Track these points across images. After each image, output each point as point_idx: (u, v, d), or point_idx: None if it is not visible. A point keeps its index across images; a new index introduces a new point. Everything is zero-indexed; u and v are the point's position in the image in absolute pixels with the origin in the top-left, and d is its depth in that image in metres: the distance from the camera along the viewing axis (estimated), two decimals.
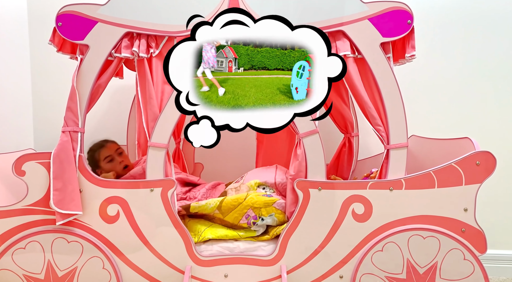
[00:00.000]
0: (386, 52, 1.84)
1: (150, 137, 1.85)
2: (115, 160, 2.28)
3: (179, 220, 1.86)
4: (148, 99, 1.86)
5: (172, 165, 1.92)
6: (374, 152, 2.62)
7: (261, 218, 1.94)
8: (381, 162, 1.91)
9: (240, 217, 1.96)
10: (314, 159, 1.86)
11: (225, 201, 1.98)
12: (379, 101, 1.86)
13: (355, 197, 1.85)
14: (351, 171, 2.55)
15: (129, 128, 2.54)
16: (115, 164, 2.28)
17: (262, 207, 1.95)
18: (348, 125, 2.50)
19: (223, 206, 1.98)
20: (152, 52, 1.85)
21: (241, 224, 1.96)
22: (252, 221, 1.94)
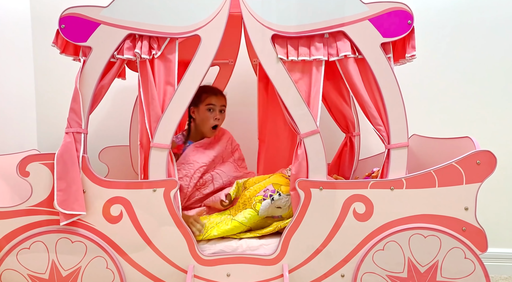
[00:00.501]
0: (386, 53, 1.84)
1: (153, 138, 1.86)
2: (212, 113, 2.28)
3: (181, 219, 1.88)
4: (151, 100, 1.87)
5: (175, 165, 1.93)
6: (375, 151, 2.63)
7: (278, 193, 1.97)
8: (382, 161, 1.91)
9: (259, 190, 2.02)
10: (315, 158, 1.87)
11: (251, 179, 2.15)
12: (380, 101, 1.87)
13: (356, 196, 1.86)
14: (353, 170, 2.56)
15: (131, 129, 2.54)
16: (209, 116, 2.28)
17: (284, 185, 2.00)
18: (349, 125, 2.51)
19: (249, 182, 2.10)
20: (154, 53, 1.86)
21: (256, 197, 1.99)
22: (269, 194, 1.98)
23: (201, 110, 2.28)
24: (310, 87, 1.88)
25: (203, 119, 2.28)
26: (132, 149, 2.54)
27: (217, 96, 2.29)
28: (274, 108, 2.48)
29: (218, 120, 2.29)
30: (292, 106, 1.87)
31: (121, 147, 2.58)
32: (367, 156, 2.63)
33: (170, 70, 1.88)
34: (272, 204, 1.97)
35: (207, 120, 2.28)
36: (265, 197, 1.97)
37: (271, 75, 1.87)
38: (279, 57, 1.85)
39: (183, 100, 1.86)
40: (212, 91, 2.30)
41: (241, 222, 1.95)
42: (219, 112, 2.30)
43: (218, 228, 1.95)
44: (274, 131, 2.54)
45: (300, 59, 1.87)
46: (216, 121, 2.29)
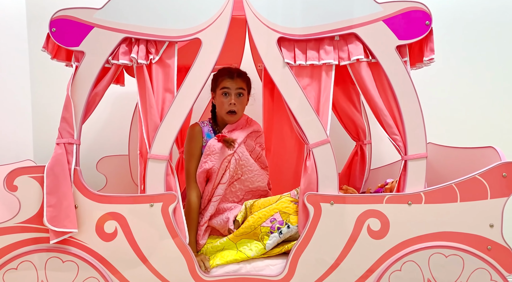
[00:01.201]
0: (402, 56, 1.72)
1: (150, 148, 1.74)
2: (227, 97, 2.03)
3: (181, 237, 1.74)
4: (148, 108, 1.76)
5: (175, 177, 1.81)
6: (387, 160, 2.50)
7: (287, 225, 1.81)
8: (398, 172, 1.78)
9: (264, 219, 1.85)
10: (325, 170, 1.74)
11: (256, 202, 1.93)
12: (395, 109, 1.73)
13: (371, 211, 1.72)
14: (364, 180, 2.42)
15: (131, 137, 2.42)
16: (224, 101, 2.03)
17: (292, 214, 1.83)
18: (360, 133, 2.39)
19: (254, 206, 1.92)
20: (151, 58, 1.75)
21: (263, 227, 1.83)
22: (276, 226, 1.82)
23: (217, 95, 2.06)
24: (319, 94, 1.76)
25: (219, 104, 2.06)
26: (131, 159, 2.42)
27: (233, 79, 2.03)
28: (280, 115, 2.37)
29: (235, 105, 2.01)
30: (299, 114, 1.75)
31: (120, 157, 2.46)
32: (379, 165, 2.50)
33: (169, 76, 1.76)
34: (281, 238, 1.83)
35: (222, 105, 2.04)
36: (272, 229, 1.83)
37: (277, 81, 1.75)
38: (286, 62, 1.74)
39: (183, 108, 1.75)
40: (228, 73, 2.06)
41: (247, 255, 1.82)
42: (236, 96, 2.03)
43: (222, 257, 1.81)
44: (281, 140, 2.41)
45: (309, 63, 1.75)
46: (232, 107, 2.01)
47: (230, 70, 2.09)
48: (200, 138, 2.02)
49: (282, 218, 1.83)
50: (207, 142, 2.02)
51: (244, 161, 2.02)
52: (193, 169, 1.99)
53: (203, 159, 1.98)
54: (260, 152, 2.14)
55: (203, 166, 1.97)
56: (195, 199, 1.96)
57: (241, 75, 2.09)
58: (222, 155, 1.96)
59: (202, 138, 2.03)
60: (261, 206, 1.89)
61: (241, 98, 2.06)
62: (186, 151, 2.04)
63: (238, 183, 2.03)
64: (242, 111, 2.09)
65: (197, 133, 2.04)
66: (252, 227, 1.84)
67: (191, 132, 2.04)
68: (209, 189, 1.99)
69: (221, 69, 2.11)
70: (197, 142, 2.02)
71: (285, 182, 2.33)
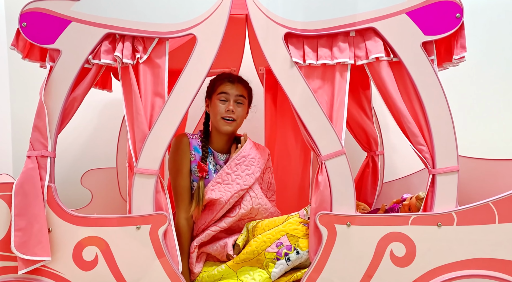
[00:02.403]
0: (429, 54, 1.50)
1: (137, 162, 1.52)
2: (225, 103, 1.78)
3: (172, 264, 1.50)
4: (135, 115, 1.54)
5: (166, 195, 1.58)
6: (401, 173, 2.29)
7: (296, 250, 1.57)
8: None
9: (270, 243, 1.60)
10: (340, 186, 1.52)
11: (260, 223, 1.69)
12: (421, 115, 1.51)
13: (394, 234, 1.49)
14: (376, 195, 2.22)
15: (119, 148, 2.22)
16: (221, 106, 1.77)
17: (302, 237, 1.59)
18: (372, 142, 2.19)
19: (258, 228, 1.67)
20: (138, 57, 1.54)
21: (267, 253, 1.58)
22: (284, 252, 1.57)
23: (214, 101, 1.81)
24: (332, 98, 1.55)
25: (214, 111, 1.79)
26: (119, 172, 2.21)
27: (233, 84, 1.80)
28: (283, 123, 2.18)
29: (233, 112, 1.77)
30: (310, 122, 1.53)
31: (107, 170, 2.26)
32: (392, 178, 2.28)
33: (159, 78, 1.55)
34: (289, 265, 1.59)
35: (218, 111, 1.77)
36: (278, 255, 1.58)
37: (284, 84, 1.54)
38: (294, 61, 1.53)
39: (175, 114, 1.53)
40: (228, 77, 1.83)
41: None
42: (235, 103, 1.79)
43: None
44: (284, 150, 2.20)
45: (320, 63, 1.54)
46: (230, 113, 1.76)
47: (230, 74, 1.86)
48: (187, 152, 1.76)
49: (290, 242, 1.58)
50: (195, 157, 1.76)
51: (260, 199, 1.76)
52: (181, 186, 1.74)
53: (210, 185, 1.72)
54: (271, 180, 1.91)
55: (208, 194, 1.71)
56: (185, 221, 1.71)
57: (243, 81, 1.86)
58: (234, 187, 1.71)
59: (190, 152, 1.77)
60: (266, 228, 1.64)
61: (241, 107, 1.81)
62: (171, 166, 1.78)
63: (249, 219, 1.78)
64: (240, 122, 1.83)
65: (183, 146, 1.77)
66: (255, 252, 1.60)
67: (177, 143, 1.78)
68: (207, 218, 1.74)
69: (220, 73, 1.88)
70: (184, 155, 1.76)
71: (290, 199, 2.13)
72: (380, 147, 2.21)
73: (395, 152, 2.40)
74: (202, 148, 1.78)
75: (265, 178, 1.86)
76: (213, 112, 1.80)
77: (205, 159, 1.75)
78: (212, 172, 1.76)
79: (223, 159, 1.82)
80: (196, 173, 1.74)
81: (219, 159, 1.81)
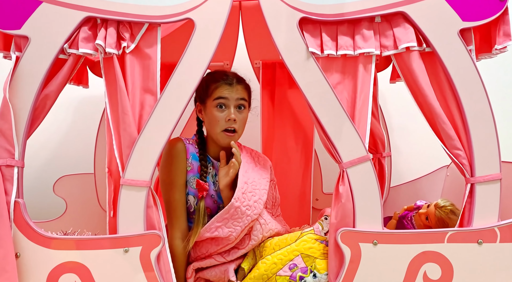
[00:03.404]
0: (467, 43, 1.30)
1: (124, 171, 1.28)
2: (224, 111, 1.49)
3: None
4: (121, 115, 1.30)
5: (159, 211, 1.34)
6: (407, 176, 2.14)
7: (313, 274, 1.34)
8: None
9: (281, 265, 1.37)
10: (365, 198, 1.31)
11: (269, 242, 1.46)
12: (458, 115, 1.32)
13: (428, 254, 1.29)
14: (383, 201, 2.00)
15: (96, 151, 2.00)
16: (219, 116, 1.48)
17: (319, 257, 1.36)
18: (378, 143, 1.99)
19: (266, 247, 1.45)
20: (125, 46, 1.30)
21: (279, 277, 1.36)
22: (298, 275, 1.35)
23: (209, 107, 1.51)
24: (354, 94, 1.35)
25: (211, 121, 1.50)
26: (97, 178, 1.99)
27: (232, 86, 1.52)
28: (282, 122, 2.00)
29: (235, 121, 1.49)
30: (329, 123, 1.32)
31: (83, 176, 2.06)
32: (398, 182, 2.12)
33: (149, 71, 1.32)
34: None
35: (216, 122, 1.49)
36: (292, 279, 1.35)
37: (298, 78, 1.33)
38: (310, 51, 1.31)
39: (169, 115, 1.30)
40: (225, 78, 1.53)
41: None
42: (236, 109, 1.51)
43: None
44: (283, 153, 2.03)
45: (341, 54, 1.33)
46: (232, 123, 1.48)
47: (226, 74, 1.57)
48: (184, 160, 1.48)
49: (306, 264, 1.36)
50: (192, 166, 1.49)
51: (270, 223, 1.51)
52: (176, 201, 1.47)
53: (216, 221, 1.42)
54: (275, 194, 1.66)
55: (214, 231, 1.43)
56: (180, 241, 1.44)
57: (242, 81, 1.58)
58: (245, 220, 1.43)
59: (186, 160, 1.50)
60: (276, 247, 1.42)
61: (243, 113, 1.53)
62: (164, 177, 1.49)
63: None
64: (242, 130, 1.55)
65: (179, 153, 1.48)
66: (264, 276, 1.37)
67: (171, 150, 1.48)
68: (210, 248, 1.47)
69: (213, 72, 1.59)
70: (180, 164, 1.48)
71: (289, 208, 1.94)
72: (387, 148, 2.03)
73: (399, 154, 2.24)
74: (200, 161, 1.50)
75: (269, 194, 1.60)
76: (210, 121, 1.51)
77: (204, 174, 1.48)
78: (211, 185, 1.51)
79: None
80: (192, 185, 1.48)
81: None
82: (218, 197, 1.50)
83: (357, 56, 1.33)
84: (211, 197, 1.49)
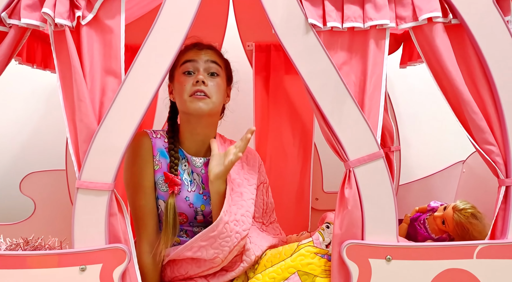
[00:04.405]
0: (504, 13, 1.08)
1: (80, 172, 1.06)
2: (192, 76, 1.26)
3: None
4: (77, 103, 1.06)
5: (126, 219, 1.10)
6: (418, 173, 2.01)
7: None
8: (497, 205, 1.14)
9: None
10: (377, 204, 1.09)
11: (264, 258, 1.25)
12: (491, 103, 1.11)
13: (453, 272, 1.07)
14: None
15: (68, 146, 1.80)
16: (188, 79, 1.25)
17: (320, 275, 1.14)
18: (386, 136, 1.84)
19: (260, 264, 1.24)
20: (79, 16, 1.06)
21: None
22: None
23: (177, 78, 1.29)
24: (364, 77, 1.12)
25: (179, 90, 1.27)
26: (70, 175, 1.83)
27: (200, 49, 1.30)
28: (277, 112, 1.85)
29: (204, 83, 1.23)
30: (332, 112, 1.10)
31: (53, 172, 1.92)
32: (408, 179, 1.97)
33: (111, 48, 1.09)
34: None
35: (183, 88, 1.25)
36: None
37: (294, 58, 1.09)
38: (310, 23, 1.08)
39: (137, 101, 1.07)
40: (193, 43, 1.33)
41: None
42: (206, 74, 1.26)
43: None
44: (279, 146, 1.87)
45: (347, 26, 1.10)
46: (200, 85, 1.23)
47: (196, 41, 1.34)
48: (150, 158, 1.25)
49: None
50: (160, 165, 1.25)
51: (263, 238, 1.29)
52: (142, 207, 1.23)
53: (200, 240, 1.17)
54: (266, 200, 1.41)
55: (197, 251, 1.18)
56: (149, 256, 1.20)
57: (213, 48, 1.35)
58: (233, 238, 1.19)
59: (153, 157, 1.26)
60: (268, 264, 1.19)
61: (215, 80, 1.28)
62: (127, 179, 1.26)
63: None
64: (217, 102, 1.28)
65: (144, 149, 1.26)
66: None
67: (134, 146, 1.25)
68: (190, 269, 1.22)
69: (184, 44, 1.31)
70: (145, 163, 1.24)
71: (285, 211, 1.78)
72: (396, 141, 1.87)
73: (409, 147, 2.11)
74: (169, 151, 1.27)
75: (258, 201, 1.37)
76: (178, 93, 1.28)
77: (175, 167, 1.24)
78: (187, 184, 1.27)
79: (200, 164, 1.30)
80: (162, 188, 1.24)
81: (195, 165, 1.29)
82: (196, 199, 1.25)
83: (368, 29, 1.10)
84: (185, 199, 1.24)
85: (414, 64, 1.73)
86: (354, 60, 1.12)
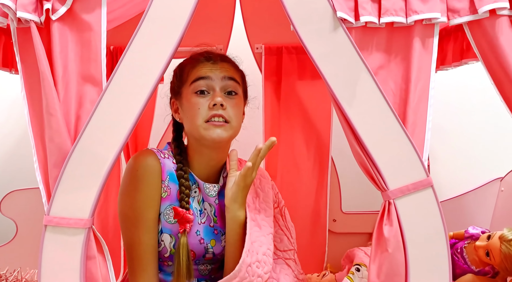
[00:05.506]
0: None
1: (50, 204, 0.90)
2: (206, 96, 1.06)
3: None
4: (46, 117, 0.88)
5: (108, 262, 0.91)
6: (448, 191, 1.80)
7: None
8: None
9: None
10: (425, 245, 0.89)
11: None
12: None
13: None
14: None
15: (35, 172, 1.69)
16: (201, 101, 1.05)
17: None
18: None
19: None
20: (48, 8, 0.87)
21: None
22: None
23: (186, 97, 1.09)
24: (407, 85, 0.93)
25: (190, 112, 1.07)
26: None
27: (215, 63, 1.11)
28: (289, 122, 1.72)
29: (223, 107, 1.04)
30: (367, 130, 0.91)
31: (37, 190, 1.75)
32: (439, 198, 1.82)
33: (90, 49, 0.90)
34: None
35: (197, 112, 1.05)
36: None
37: (318, 61, 0.90)
38: (340, 18, 0.89)
39: (122, 114, 0.89)
40: (203, 54, 1.13)
41: None
42: (223, 94, 1.08)
43: None
44: (292, 161, 1.73)
45: (386, 21, 0.91)
46: (218, 109, 1.04)
47: (206, 51, 1.16)
48: (158, 183, 1.05)
49: None
50: (169, 191, 1.05)
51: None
52: (144, 245, 1.02)
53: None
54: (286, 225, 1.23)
55: None
56: None
57: (228, 60, 1.15)
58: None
59: (162, 183, 1.05)
60: None
61: (234, 100, 1.09)
62: (125, 210, 1.06)
63: None
64: (237, 124, 1.10)
65: (151, 172, 1.05)
66: None
67: (138, 168, 1.05)
68: None
69: (192, 53, 1.17)
70: (152, 189, 1.04)
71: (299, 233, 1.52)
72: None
73: (437, 161, 1.93)
74: (179, 179, 1.06)
75: (275, 229, 1.18)
76: (189, 115, 1.08)
77: (186, 199, 1.04)
78: (197, 214, 1.07)
79: (214, 193, 1.11)
80: (169, 219, 1.03)
81: (208, 194, 1.10)
82: (205, 234, 1.06)
83: (411, 25, 0.91)
84: (195, 234, 1.04)
85: (447, 69, 1.54)
86: (394, 63, 0.93)
